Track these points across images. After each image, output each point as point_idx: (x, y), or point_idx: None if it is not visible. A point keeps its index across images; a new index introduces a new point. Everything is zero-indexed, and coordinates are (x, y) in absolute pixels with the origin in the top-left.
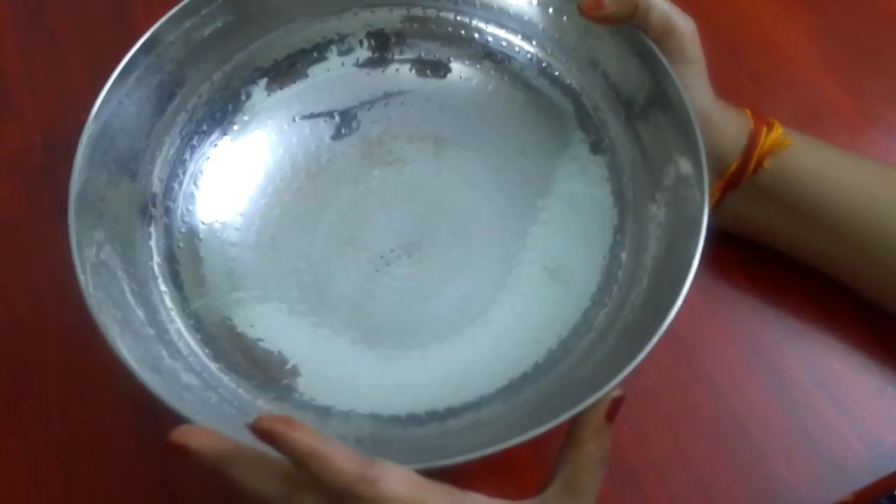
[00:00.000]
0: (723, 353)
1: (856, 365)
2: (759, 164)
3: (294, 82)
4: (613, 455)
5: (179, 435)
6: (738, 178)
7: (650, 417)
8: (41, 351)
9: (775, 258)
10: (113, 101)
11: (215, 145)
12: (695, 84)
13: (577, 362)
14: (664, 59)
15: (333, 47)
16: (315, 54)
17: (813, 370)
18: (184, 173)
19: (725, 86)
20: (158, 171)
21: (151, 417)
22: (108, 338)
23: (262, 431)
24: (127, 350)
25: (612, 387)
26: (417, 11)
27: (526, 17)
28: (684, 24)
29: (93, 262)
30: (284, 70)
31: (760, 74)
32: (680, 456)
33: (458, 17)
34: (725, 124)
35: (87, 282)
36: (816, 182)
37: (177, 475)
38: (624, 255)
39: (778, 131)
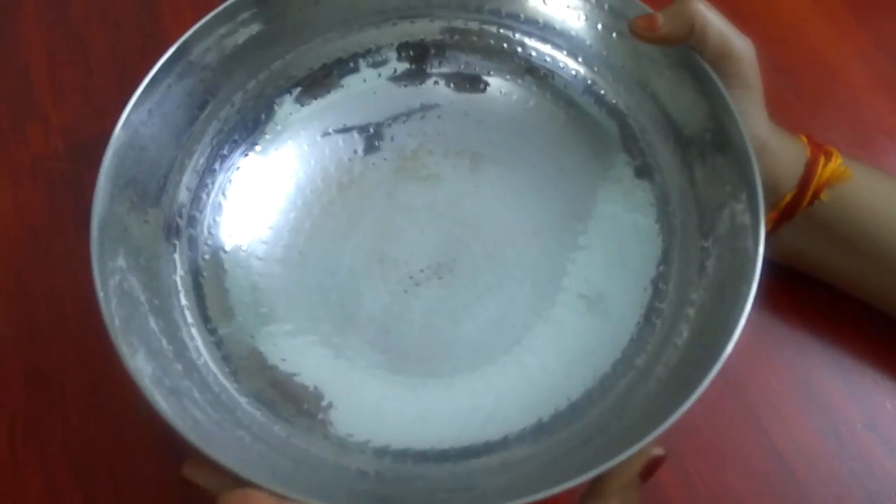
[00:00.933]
0: (769, 389)
1: None
2: (816, 195)
3: (328, 93)
4: (652, 492)
5: (188, 473)
6: (793, 210)
7: (691, 454)
8: (61, 364)
9: (826, 291)
10: (142, 110)
11: (246, 155)
12: (751, 110)
13: (614, 404)
14: (726, 94)
15: (370, 58)
16: (351, 65)
17: (864, 409)
18: (212, 183)
19: (771, 105)
20: (187, 181)
21: (172, 437)
22: (125, 359)
23: None
24: (147, 377)
25: (654, 436)
26: (459, 23)
27: (572, 33)
28: (743, 47)
29: (115, 279)
30: (319, 80)
31: (808, 93)
32: (722, 496)
33: (501, 31)
34: (781, 152)
35: (107, 300)
36: (877, 217)
37: (197, 498)
38: (668, 289)
39: (837, 161)
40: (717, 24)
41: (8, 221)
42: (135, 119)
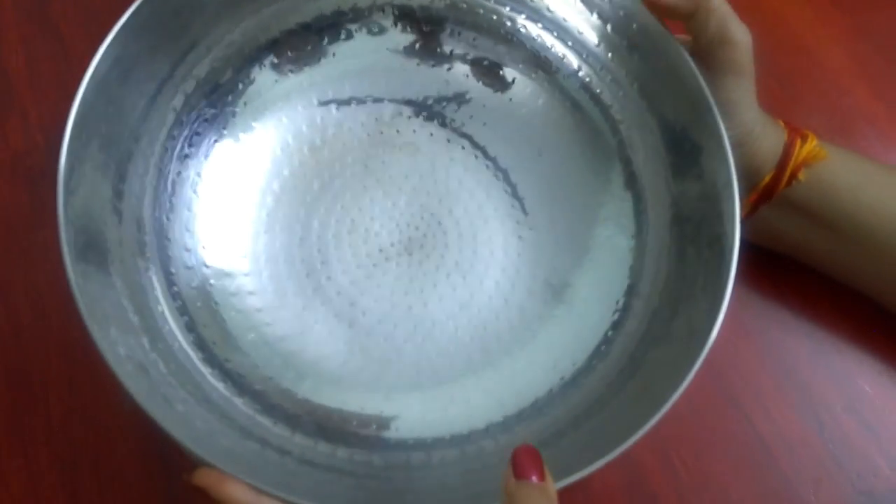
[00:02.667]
0: (750, 374)
1: (888, 387)
2: (794, 176)
3: (317, 62)
4: (636, 478)
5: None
6: (772, 191)
7: (674, 440)
8: (44, 362)
9: (807, 275)
10: (108, 59)
11: (215, 108)
12: (743, 99)
13: (577, 403)
14: (718, 117)
15: (359, 21)
16: (350, 17)
17: (843, 393)
18: (179, 136)
19: None
20: (159, 135)
21: (156, 435)
22: (92, 331)
23: (197, 487)
24: (117, 353)
25: (619, 452)
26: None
27: (579, 30)
28: (741, 35)
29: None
30: (307, 40)
31: (789, 79)
32: (705, 482)
33: (508, 10)
34: (764, 137)
35: (76, 281)
36: (854, 196)
37: (181, 495)
38: (638, 285)
39: (812, 143)
40: (721, 7)
41: None
42: (102, 68)
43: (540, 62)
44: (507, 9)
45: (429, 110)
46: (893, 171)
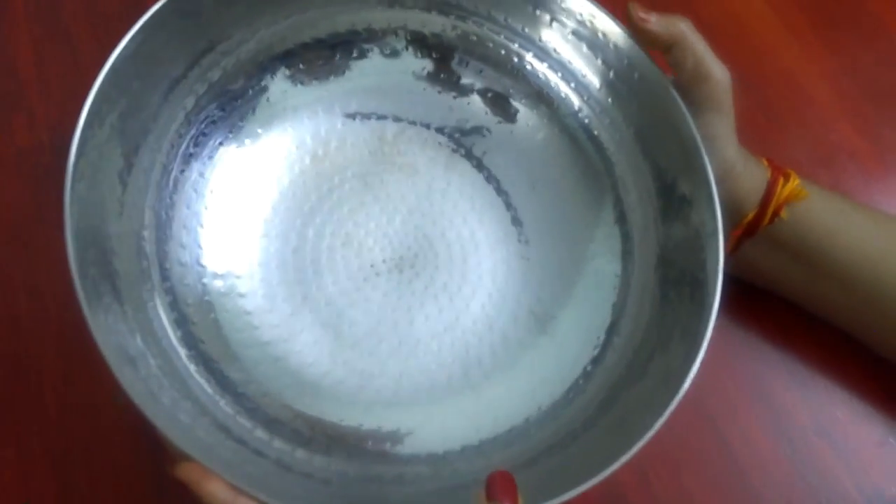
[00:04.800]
0: (726, 397)
1: (859, 414)
2: (776, 214)
3: (327, 77)
4: (613, 494)
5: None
6: (755, 228)
7: (651, 457)
8: (39, 355)
9: (783, 306)
10: (129, 48)
11: (222, 110)
12: (722, 135)
13: (553, 434)
14: (708, 168)
15: (372, 42)
16: (364, 39)
17: (816, 418)
18: (185, 135)
19: (741, 123)
20: (161, 155)
21: (147, 429)
22: (85, 309)
23: (180, 480)
24: (112, 342)
25: (596, 481)
26: (471, 27)
27: (583, 73)
28: (720, 73)
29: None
30: (314, 59)
31: (777, 113)
32: (680, 498)
33: (515, 46)
34: (746, 175)
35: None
36: (832, 235)
37: (171, 489)
38: (619, 323)
39: (794, 182)
40: (699, 47)
41: None
42: (120, 62)
43: (543, 98)
44: (516, 45)
45: (449, 137)
46: (870, 213)
